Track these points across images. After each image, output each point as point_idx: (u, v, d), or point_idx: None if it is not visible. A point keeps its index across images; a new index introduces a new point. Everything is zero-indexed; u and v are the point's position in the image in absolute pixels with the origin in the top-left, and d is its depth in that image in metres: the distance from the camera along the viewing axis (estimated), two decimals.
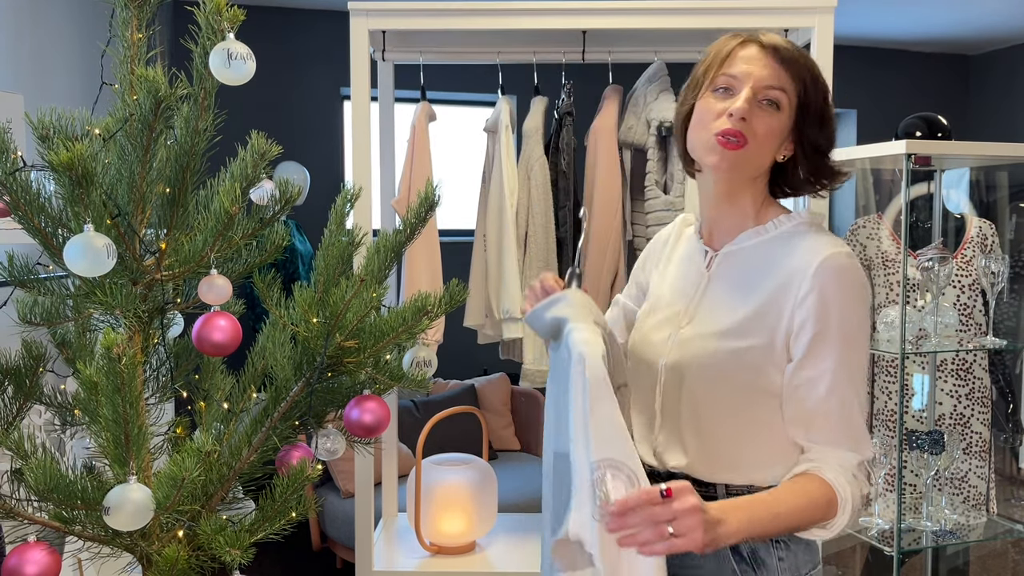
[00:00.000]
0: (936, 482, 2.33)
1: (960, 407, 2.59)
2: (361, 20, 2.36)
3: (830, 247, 1.24)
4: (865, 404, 1.24)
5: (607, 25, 2.38)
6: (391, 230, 1.54)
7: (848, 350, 1.21)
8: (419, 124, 2.55)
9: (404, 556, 2.52)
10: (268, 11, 4.98)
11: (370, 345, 1.46)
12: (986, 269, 2.24)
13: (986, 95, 6.16)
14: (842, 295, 1.21)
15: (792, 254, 1.26)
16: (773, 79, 1.26)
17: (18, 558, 1.22)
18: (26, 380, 1.48)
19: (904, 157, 2.02)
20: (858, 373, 1.23)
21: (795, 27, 2.44)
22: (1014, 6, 4.98)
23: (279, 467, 1.47)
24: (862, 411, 1.23)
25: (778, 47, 1.28)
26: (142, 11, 1.37)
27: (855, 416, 1.22)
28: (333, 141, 5.16)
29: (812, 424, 1.23)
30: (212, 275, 1.36)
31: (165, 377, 1.54)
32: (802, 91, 1.28)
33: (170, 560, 1.29)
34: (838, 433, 1.22)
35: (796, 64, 1.27)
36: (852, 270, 1.22)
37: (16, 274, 1.41)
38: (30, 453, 1.29)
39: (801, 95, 1.28)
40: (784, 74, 1.27)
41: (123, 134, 1.32)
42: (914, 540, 2.22)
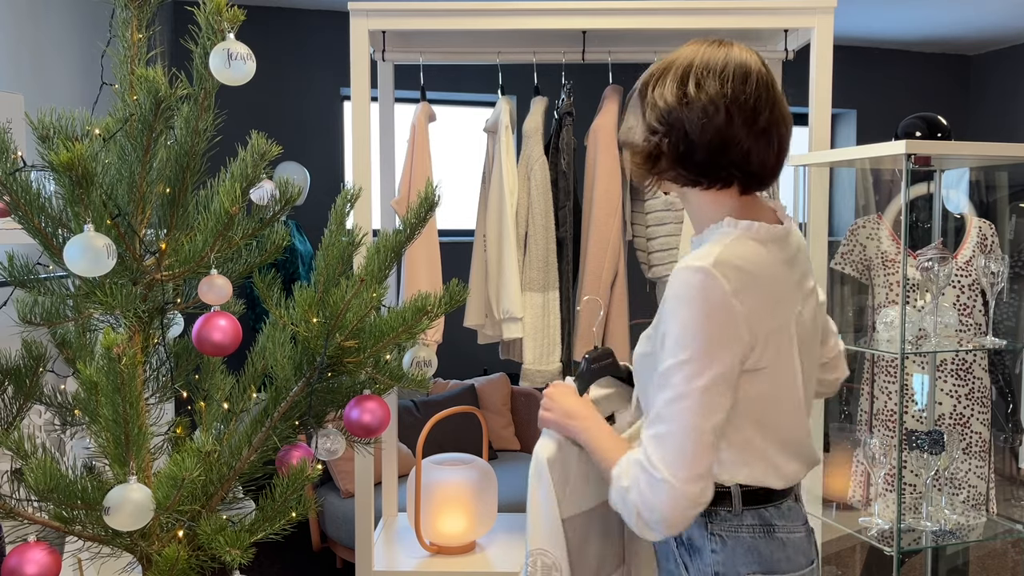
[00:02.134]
0: (936, 482, 2.33)
1: (960, 407, 2.59)
2: (361, 20, 2.36)
3: (690, 259, 1.27)
4: (696, 414, 1.22)
5: (607, 25, 2.38)
6: (391, 230, 1.54)
7: (677, 354, 1.23)
8: (419, 124, 2.55)
9: (404, 556, 2.52)
10: (268, 11, 4.98)
11: (370, 345, 1.46)
12: (986, 269, 2.24)
13: (986, 95, 6.16)
14: (675, 304, 1.25)
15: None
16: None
17: (18, 558, 1.22)
18: (26, 380, 1.48)
19: (904, 157, 2.02)
20: (691, 379, 1.22)
21: (795, 27, 2.44)
22: (1014, 6, 4.98)
23: (279, 467, 1.47)
24: (682, 423, 1.22)
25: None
26: (142, 11, 1.37)
27: (666, 424, 1.23)
28: (333, 141, 5.16)
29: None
30: (212, 275, 1.36)
31: (165, 377, 1.54)
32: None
33: (170, 560, 1.29)
34: (648, 434, 1.27)
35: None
36: (686, 284, 1.24)
37: (16, 274, 1.41)
38: (30, 453, 1.29)
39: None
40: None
41: (123, 134, 1.32)
42: (914, 540, 2.22)
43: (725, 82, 1.29)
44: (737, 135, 1.29)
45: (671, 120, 1.31)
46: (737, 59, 1.31)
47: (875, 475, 2.23)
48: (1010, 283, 2.90)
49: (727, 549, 1.32)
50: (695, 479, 1.21)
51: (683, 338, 1.23)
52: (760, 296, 1.27)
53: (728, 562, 1.31)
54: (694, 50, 1.35)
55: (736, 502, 1.32)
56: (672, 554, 1.38)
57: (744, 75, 1.30)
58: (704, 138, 1.30)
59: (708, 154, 1.31)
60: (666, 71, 1.35)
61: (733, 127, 1.29)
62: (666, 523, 1.22)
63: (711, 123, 1.29)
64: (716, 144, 1.30)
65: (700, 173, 1.33)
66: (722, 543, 1.32)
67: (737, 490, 1.32)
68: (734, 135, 1.29)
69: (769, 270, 1.30)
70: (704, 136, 1.30)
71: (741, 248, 1.28)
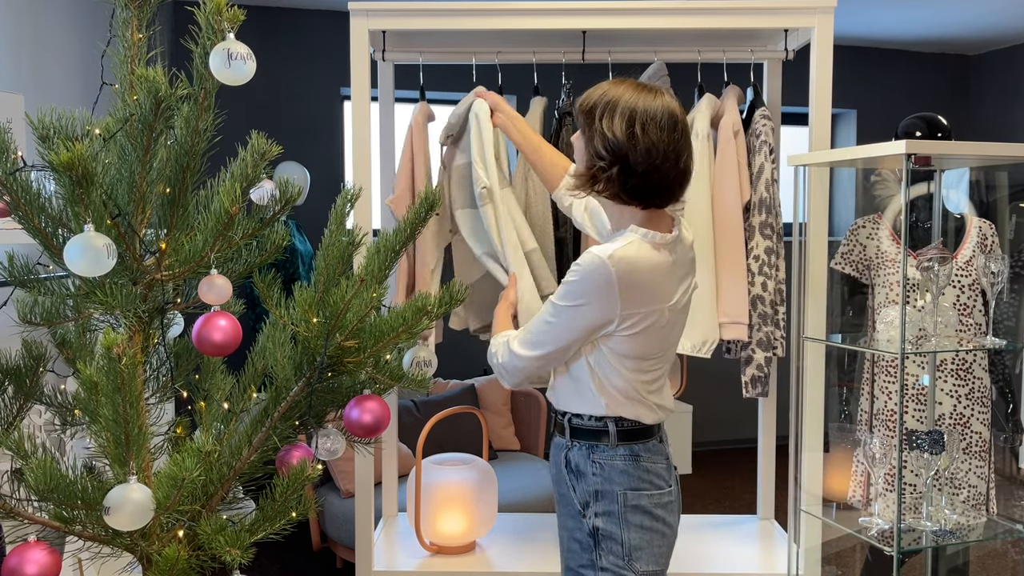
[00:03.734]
0: (936, 482, 2.33)
1: (960, 407, 2.59)
2: (361, 20, 2.37)
3: (596, 249, 1.67)
4: (554, 329, 1.72)
5: (607, 25, 2.38)
6: (391, 230, 1.54)
7: (560, 299, 1.70)
8: (416, 124, 2.54)
9: (404, 556, 2.52)
10: (268, 11, 4.98)
11: (370, 345, 1.46)
12: (986, 269, 2.24)
13: (986, 95, 6.16)
14: (574, 272, 1.68)
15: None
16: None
17: (18, 558, 1.22)
18: (26, 380, 1.49)
19: (904, 157, 2.02)
20: (552, 313, 1.72)
21: (795, 27, 2.44)
22: (1014, 6, 4.98)
23: (279, 467, 1.47)
24: (545, 329, 1.73)
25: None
26: (142, 11, 1.37)
27: (531, 325, 1.77)
28: (333, 141, 5.16)
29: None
30: (212, 275, 1.36)
31: (165, 377, 1.54)
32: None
33: (170, 560, 1.29)
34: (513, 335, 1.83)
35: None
36: (587, 263, 1.66)
37: (16, 274, 1.41)
38: (30, 453, 1.29)
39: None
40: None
41: (123, 134, 1.32)
42: (914, 540, 2.22)
43: (663, 130, 1.65)
44: (667, 172, 1.67)
45: (618, 152, 1.66)
46: (669, 109, 1.68)
47: (875, 475, 2.23)
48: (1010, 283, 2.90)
49: (604, 472, 1.76)
50: (530, 359, 1.75)
51: (567, 291, 1.68)
52: (640, 288, 1.66)
53: (606, 482, 1.76)
54: (635, 96, 1.69)
55: (612, 438, 1.76)
56: (564, 479, 1.83)
57: (673, 125, 1.67)
58: (641, 170, 1.66)
59: (642, 183, 1.67)
60: (613, 108, 1.68)
61: (666, 166, 1.66)
62: (513, 380, 1.81)
63: (651, 161, 1.65)
64: (650, 177, 1.66)
65: (633, 196, 1.70)
66: (600, 468, 1.77)
67: (613, 428, 1.75)
68: (665, 172, 1.66)
69: (654, 271, 1.68)
70: (642, 168, 1.66)
71: (635, 250, 1.66)
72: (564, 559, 1.88)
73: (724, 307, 2.44)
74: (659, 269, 1.69)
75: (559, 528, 1.90)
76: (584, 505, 1.78)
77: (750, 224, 2.47)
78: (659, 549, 1.77)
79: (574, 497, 1.80)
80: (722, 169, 2.46)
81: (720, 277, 2.45)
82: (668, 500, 1.79)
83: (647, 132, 1.65)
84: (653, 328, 1.71)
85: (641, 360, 1.73)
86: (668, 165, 1.66)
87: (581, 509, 1.79)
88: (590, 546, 1.78)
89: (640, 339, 1.70)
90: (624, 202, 1.72)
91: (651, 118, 1.66)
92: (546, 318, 1.73)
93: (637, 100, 1.67)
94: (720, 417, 5.73)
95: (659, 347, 1.75)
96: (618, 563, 1.75)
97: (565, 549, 1.88)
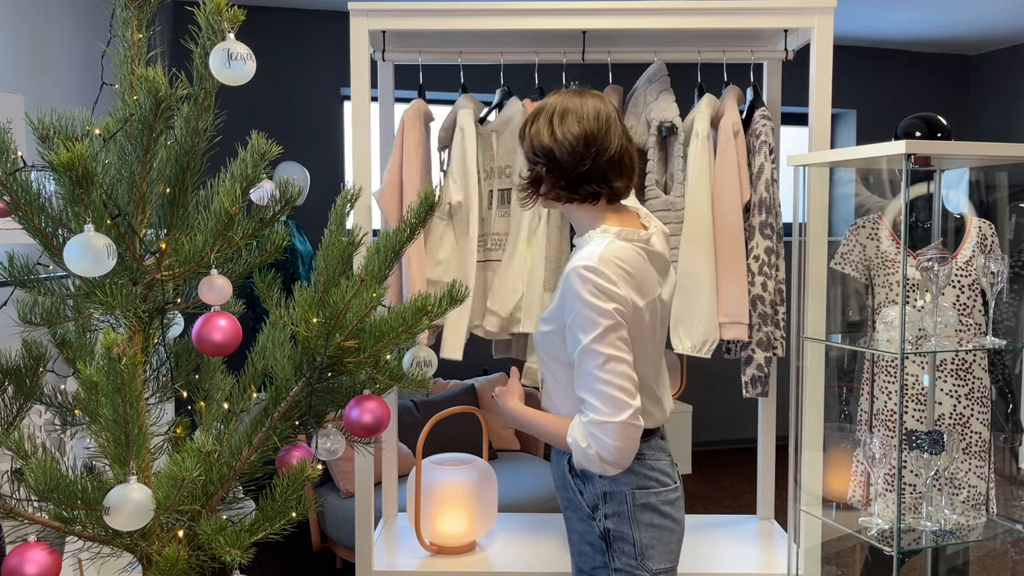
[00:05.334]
0: (936, 482, 2.33)
1: (960, 407, 2.59)
2: (361, 20, 2.37)
3: (578, 260, 1.65)
4: (613, 371, 1.62)
5: (607, 25, 2.38)
6: (391, 230, 1.54)
7: (586, 334, 1.62)
8: (407, 119, 2.52)
9: (404, 556, 2.52)
10: (268, 11, 4.98)
11: (370, 345, 1.46)
12: (986, 269, 2.24)
13: (986, 95, 6.16)
14: (574, 296, 1.63)
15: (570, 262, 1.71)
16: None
17: (18, 558, 1.22)
18: (26, 380, 1.48)
19: (904, 157, 2.02)
20: (599, 350, 1.62)
21: (795, 27, 2.44)
22: (1014, 6, 4.97)
23: (279, 467, 1.47)
24: (605, 380, 1.62)
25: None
26: (142, 11, 1.37)
27: (594, 386, 1.63)
28: (333, 141, 5.16)
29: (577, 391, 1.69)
30: (212, 275, 1.36)
31: (165, 377, 1.54)
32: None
33: (170, 560, 1.29)
34: (584, 400, 1.67)
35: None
36: (581, 279, 1.63)
37: (16, 274, 1.41)
38: (30, 453, 1.29)
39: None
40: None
41: (123, 134, 1.32)
42: (914, 540, 2.22)
43: (582, 120, 1.70)
44: (596, 160, 1.70)
45: (546, 153, 1.72)
46: (593, 105, 1.72)
47: (875, 475, 2.23)
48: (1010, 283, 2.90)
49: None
50: (632, 414, 1.62)
51: (590, 319, 1.62)
52: (631, 282, 1.66)
53: (612, 482, 1.75)
54: (558, 98, 1.75)
55: None
56: (569, 485, 1.82)
57: (596, 115, 1.71)
58: (571, 164, 1.70)
59: (576, 176, 1.71)
60: (538, 114, 1.75)
61: (591, 152, 1.70)
62: (622, 453, 1.63)
63: (575, 152, 1.70)
64: (581, 169, 1.70)
65: (572, 191, 1.73)
66: None
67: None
68: (594, 160, 1.70)
69: (636, 264, 1.68)
70: (571, 162, 1.70)
71: (616, 248, 1.67)
72: (576, 562, 1.88)
73: (724, 307, 2.44)
74: (640, 264, 1.70)
75: (568, 532, 1.90)
76: (593, 508, 1.78)
77: (750, 224, 2.47)
78: (669, 546, 1.78)
79: (582, 500, 1.80)
80: (722, 169, 2.46)
81: (720, 277, 2.45)
82: (675, 496, 1.80)
83: (566, 124, 1.70)
84: (647, 325, 1.72)
85: (642, 364, 1.72)
86: (595, 152, 1.70)
87: (590, 512, 1.79)
88: (602, 548, 1.78)
89: (637, 343, 1.69)
90: (569, 199, 1.75)
91: (570, 112, 1.72)
92: (593, 369, 1.64)
93: (559, 102, 1.74)
94: (720, 417, 5.73)
95: (649, 346, 1.75)
96: (631, 563, 1.75)
97: (576, 552, 1.87)
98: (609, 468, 1.65)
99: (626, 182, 1.76)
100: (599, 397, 1.62)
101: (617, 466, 1.64)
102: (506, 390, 1.93)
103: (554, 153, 1.71)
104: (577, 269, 1.64)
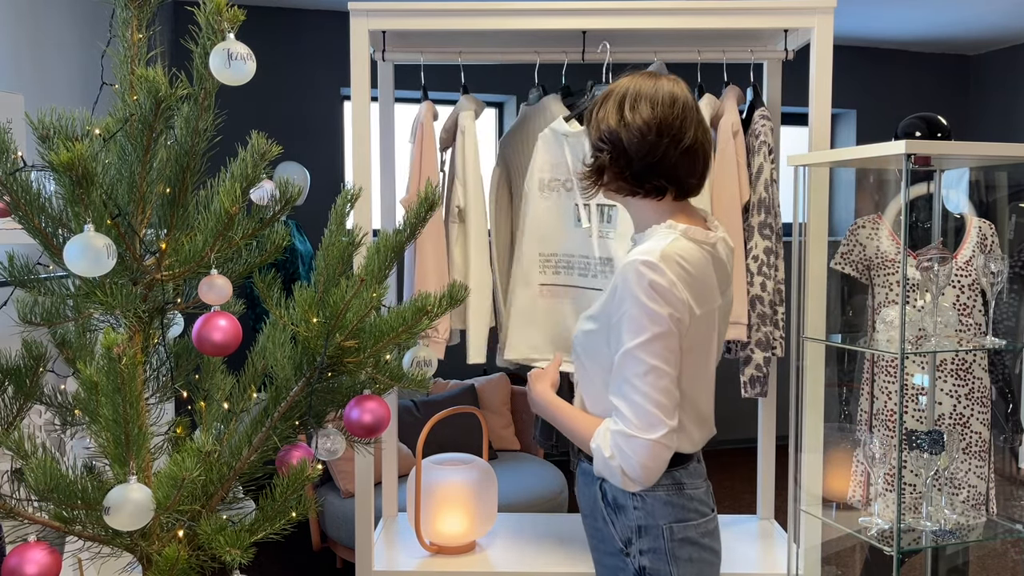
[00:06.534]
0: (936, 482, 2.33)
1: (960, 407, 2.59)
2: (361, 20, 2.36)
3: (637, 254, 1.51)
4: (654, 384, 1.48)
5: (607, 25, 2.38)
6: (391, 230, 1.54)
7: (632, 337, 1.48)
8: (424, 125, 2.53)
9: (404, 556, 2.52)
10: (268, 11, 4.98)
11: (370, 345, 1.46)
12: (986, 269, 2.24)
13: (986, 95, 6.16)
14: (628, 293, 1.49)
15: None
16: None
17: (18, 558, 1.22)
18: (26, 380, 1.48)
19: (904, 157, 2.02)
20: (644, 357, 1.48)
21: (795, 27, 2.44)
22: (1014, 6, 4.98)
23: (279, 467, 1.47)
24: (643, 392, 1.48)
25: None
26: (142, 11, 1.37)
27: (630, 395, 1.49)
28: (333, 141, 5.16)
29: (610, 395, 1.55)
30: (212, 275, 1.36)
31: (165, 377, 1.54)
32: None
33: (170, 560, 1.29)
34: (616, 407, 1.53)
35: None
36: (638, 273, 1.48)
37: (16, 274, 1.41)
38: (30, 453, 1.29)
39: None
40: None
41: (123, 134, 1.32)
42: (914, 540, 2.22)
43: (656, 106, 1.55)
44: (667, 151, 1.54)
45: (612, 139, 1.57)
46: (666, 89, 1.57)
47: (875, 475, 2.23)
48: (1010, 283, 2.90)
49: (647, 505, 1.59)
50: (665, 434, 1.48)
51: (641, 320, 1.47)
52: (693, 287, 1.51)
53: (649, 515, 1.58)
54: (630, 80, 1.61)
55: None
56: (600, 513, 1.65)
57: (671, 101, 1.56)
58: (639, 153, 1.55)
59: (642, 167, 1.56)
60: (606, 98, 1.61)
61: (663, 142, 1.54)
62: (647, 473, 1.50)
63: (644, 140, 1.54)
64: (649, 159, 1.55)
65: (637, 184, 1.58)
66: (643, 500, 1.59)
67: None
68: (665, 150, 1.54)
69: (700, 267, 1.54)
70: (639, 152, 1.55)
71: (680, 246, 1.52)
72: None
73: None
74: (704, 267, 1.55)
75: (595, 564, 1.74)
76: (626, 543, 1.62)
77: (749, 224, 2.47)
78: None
79: (614, 533, 1.63)
80: (721, 169, 2.46)
81: None
82: (714, 526, 1.66)
83: (637, 110, 1.56)
84: (705, 337, 1.57)
85: (696, 380, 1.58)
86: (667, 141, 1.54)
87: (623, 547, 1.62)
88: None
89: (692, 357, 1.55)
90: (634, 192, 1.60)
91: (642, 96, 1.57)
92: (632, 377, 1.49)
93: (630, 85, 1.59)
94: (720, 417, 5.70)
95: (702, 361, 1.58)
96: None
97: None
98: (630, 484, 1.53)
99: (698, 180, 1.61)
100: (633, 409, 1.49)
101: (639, 484, 1.52)
102: (540, 372, 1.80)
103: (621, 140, 1.56)
104: (635, 263, 1.49)
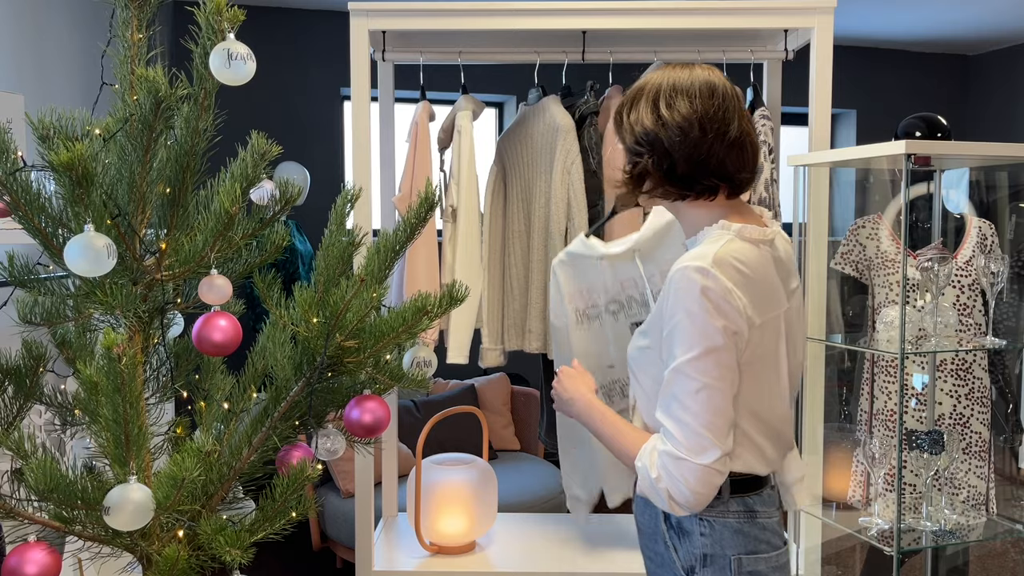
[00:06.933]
0: (936, 482, 2.33)
1: (960, 407, 2.59)
2: (361, 20, 2.36)
3: (689, 259, 1.38)
4: (705, 404, 1.35)
5: (607, 25, 2.38)
6: (391, 230, 1.54)
7: (683, 352, 1.35)
8: (419, 124, 2.54)
9: (404, 556, 2.52)
10: (268, 11, 4.98)
11: (370, 345, 1.46)
12: (986, 269, 2.24)
13: (986, 95, 6.16)
14: (679, 302, 1.36)
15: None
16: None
17: (18, 558, 1.22)
18: (26, 380, 1.48)
19: (904, 157, 2.02)
20: (695, 375, 1.35)
21: (795, 27, 2.44)
22: (1014, 6, 4.97)
23: (279, 467, 1.47)
24: (693, 412, 1.35)
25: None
26: (142, 11, 1.37)
27: (679, 414, 1.36)
28: (333, 141, 5.16)
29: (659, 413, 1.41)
30: (212, 275, 1.36)
31: (165, 377, 1.54)
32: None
33: (170, 560, 1.29)
34: (664, 425, 1.39)
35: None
36: (689, 281, 1.35)
37: (16, 274, 1.41)
38: (30, 453, 1.29)
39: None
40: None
41: (123, 134, 1.32)
42: (914, 540, 2.22)
43: (694, 99, 1.41)
44: (712, 145, 1.41)
45: (650, 140, 1.43)
46: (703, 78, 1.43)
47: (875, 475, 2.23)
48: (1010, 283, 2.89)
49: (715, 532, 1.44)
50: (718, 459, 1.34)
51: (692, 333, 1.34)
52: (752, 292, 1.38)
53: (716, 544, 1.44)
54: (661, 74, 1.46)
55: (724, 490, 1.43)
56: (662, 536, 1.50)
57: (710, 92, 1.42)
58: (683, 153, 1.41)
59: (689, 167, 1.42)
60: (637, 97, 1.47)
61: (708, 137, 1.41)
62: (697, 499, 1.35)
63: (687, 138, 1.41)
64: (694, 157, 1.41)
65: (685, 186, 1.44)
66: (710, 527, 1.44)
67: (726, 479, 1.40)
68: (710, 144, 1.41)
69: (760, 269, 1.40)
70: (683, 151, 1.41)
71: (735, 248, 1.39)
72: None
73: None
74: (764, 268, 1.42)
75: None
76: (689, 571, 1.47)
77: None
78: None
79: (676, 559, 1.48)
80: None
81: None
82: (785, 560, 1.50)
83: (675, 106, 1.41)
84: (773, 346, 1.43)
85: (765, 395, 1.43)
86: (712, 136, 1.40)
87: (684, 574, 1.48)
88: None
89: (759, 368, 1.42)
90: (683, 196, 1.46)
91: (678, 90, 1.42)
92: (682, 395, 1.35)
93: (663, 79, 1.45)
94: None
95: (770, 372, 1.44)
96: None
97: None
98: (677, 509, 1.38)
99: (750, 173, 1.47)
100: (682, 430, 1.35)
101: (686, 510, 1.39)
102: (573, 371, 1.64)
103: (661, 141, 1.42)
104: (686, 270, 1.36)
